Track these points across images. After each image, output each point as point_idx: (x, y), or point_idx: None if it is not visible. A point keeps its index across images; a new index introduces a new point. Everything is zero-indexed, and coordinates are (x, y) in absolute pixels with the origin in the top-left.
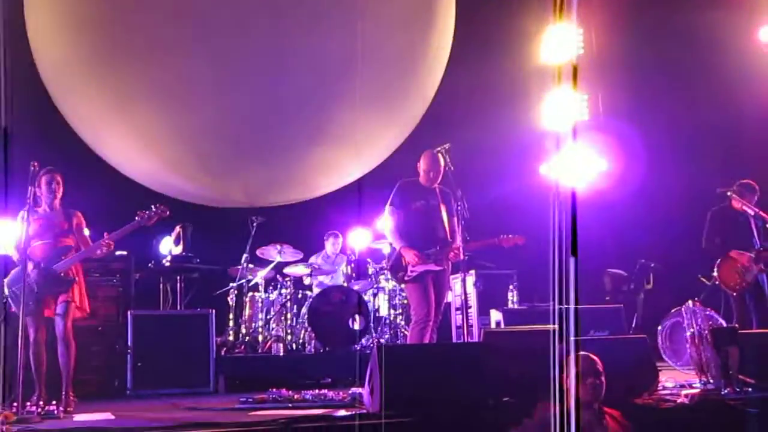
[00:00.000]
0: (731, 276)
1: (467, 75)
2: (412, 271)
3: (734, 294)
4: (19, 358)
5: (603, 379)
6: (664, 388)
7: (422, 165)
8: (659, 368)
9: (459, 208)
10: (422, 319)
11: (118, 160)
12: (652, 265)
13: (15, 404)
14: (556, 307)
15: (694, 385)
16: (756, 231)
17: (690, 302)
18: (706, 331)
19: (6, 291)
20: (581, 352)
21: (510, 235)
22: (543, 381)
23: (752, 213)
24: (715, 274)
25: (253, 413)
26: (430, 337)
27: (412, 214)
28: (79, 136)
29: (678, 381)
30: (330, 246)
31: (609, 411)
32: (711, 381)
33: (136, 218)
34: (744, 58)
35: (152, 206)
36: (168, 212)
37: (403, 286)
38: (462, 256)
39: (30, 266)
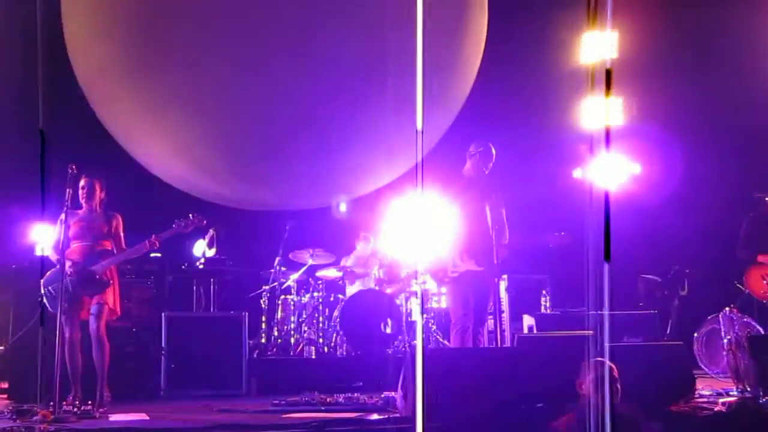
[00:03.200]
0: (758, 283)
1: (501, 79)
2: (453, 272)
3: (765, 301)
4: (57, 357)
5: (618, 385)
6: (701, 395)
7: (470, 154)
8: (696, 375)
9: (500, 212)
10: (460, 321)
11: (152, 164)
12: (687, 270)
13: (51, 404)
14: (590, 312)
15: (731, 393)
16: None
17: (726, 309)
18: (744, 339)
19: (42, 290)
20: (597, 359)
21: (558, 233)
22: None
23: None
24: (743, 281)
25: (286, 416)
26: (473, 340)
27: (454, 210)
28: (114, 140)
29: (715, 389)
30: (361, 248)
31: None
32: (748, 389)
33: (173, 225)
34: None
35: (189, 215)
36: (204, 221)
37: (443, 289)
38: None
39: (67, 266)
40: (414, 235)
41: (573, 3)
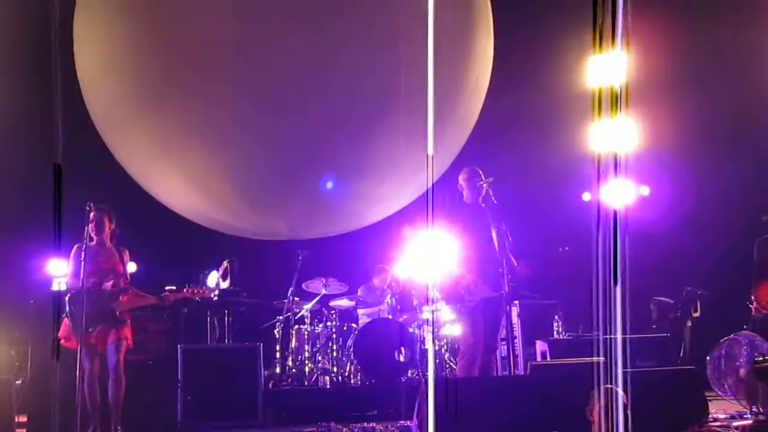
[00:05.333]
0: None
1: (510, 102)
2: (470, 301)
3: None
4: (77, 391)
5: (629, 412)
6: (715, 419)
7: (465, 182)
8: (708, 398)
9: (506, 237)
10: (469, 349)
11: (167, 198)
12: (699, 292)
13: None
14: (601, 336)
15: (745, 417)
16: None
17: (740, 332)
18: (755, 361)
19: (66, 308)
20: (607, 385)
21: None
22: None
23: None
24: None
25: None
26: (484, 368)
27: (464, 237)
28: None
29: (728, 412)
30: (377, 280)
31: None
32: (762, 411)
33: (185, 290)
34: None
35: (202, 287)
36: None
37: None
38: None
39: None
40: (426, 262)
41: (580, 26)
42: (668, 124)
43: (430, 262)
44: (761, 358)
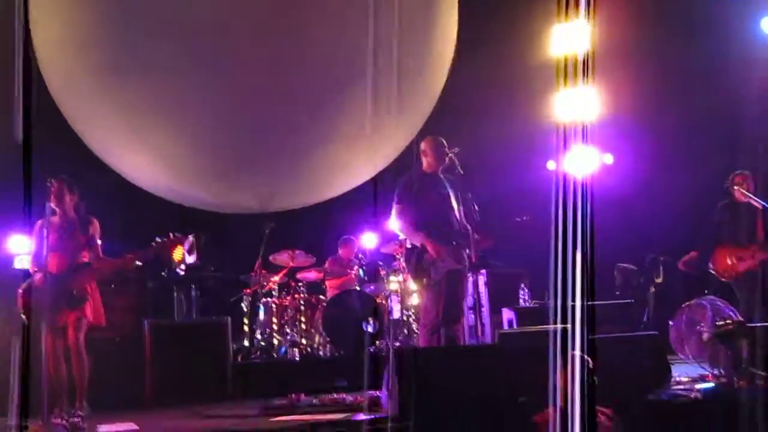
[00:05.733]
0: (724, 262)
1: (474, 71)
2: (435, 273)
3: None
4: (42, 370)
5: (595, 378)
6: (678, 383)
7: (427, 150)
8: (671, 362)
9: (471, 208)
10: (431, 322)
11: (128, 170)
12: (662, 258)
13: (40, 417)
14: (560, 304)
15: (706, 380)
16: (763, 222)
17: (703, 296)
18: (716, 325)
19: (20, 301)
20: (574, 351)
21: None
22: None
23: (760, 206)
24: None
25: (275, 419)
26: (451, 336)
27: (425, 207)
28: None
29: (691, 375)
30: (344, 251)
31: (601, 410)
32: (723, 374)
33: (153, 244)
34: (751, 49)
35: (170, 234)
36: (184, 239)
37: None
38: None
39: (42, 279)
40: (393, 234)
41: None
42: (632, 93)
43: (396, 233)
44: (723, 322)
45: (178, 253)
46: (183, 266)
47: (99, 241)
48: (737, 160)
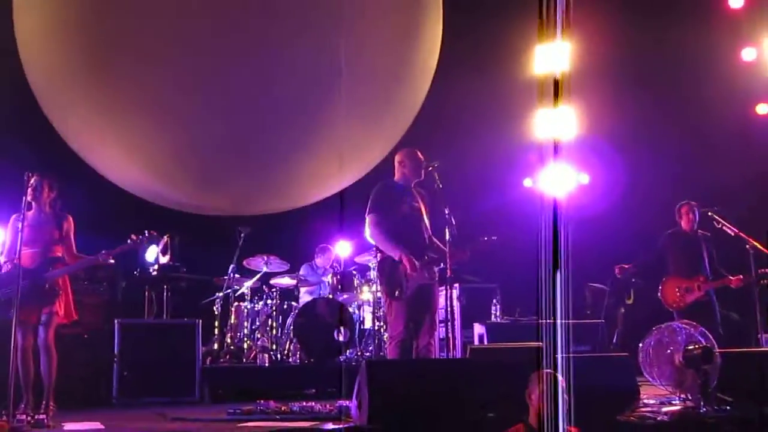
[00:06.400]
0: (672, 294)
1: (454, 89)
2: (407, 288)
3: (672, 310)
4: (11, 365)
5: (566, 396)
6: (645, 405)
7: (405, 161)
8: (640, 384)
9: (449, 221)
10: (398, 335)
11: (106, 170)
12: (633, 279)
13: (5, 413)
14: (539, 321)
15: (673, 402)
16: (706, 254)
17: (674, 320)
18: (686, 349)
19: None
20: (546, 370)
21: (489, 237)
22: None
23: (732, 233)
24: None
25: (242, 425)
26: (423, 349)
27: (397, 218)
28: (66, 144)
29: (659, 398)
30: (321, 260)
31: (570, 429)
32: (690, 398)
33: (128, 241)
34: (727, 76)
35: (146, 231)
36: (161, 237)
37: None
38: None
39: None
40: (369, 243)
41: (526, 14)
42: (609, 113)
43: (371, 243)
44: (693, 347)
45: (151, 252)
46: (156, 266)
47: (73, 238)
48: (713, 181)
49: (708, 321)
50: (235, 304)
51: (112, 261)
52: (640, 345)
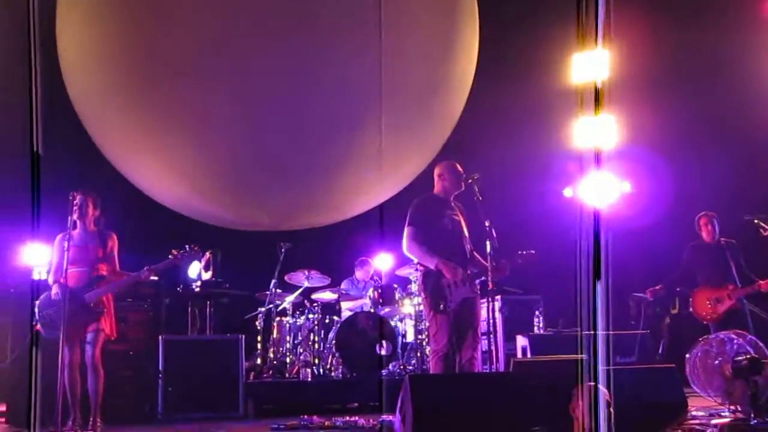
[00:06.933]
0: (704, 306)
1: (493, 98)
2: (451, 301)
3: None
4: (58, 382)
5: (611, 409)
6: (693, 417)
7: (444, 174)
8: (688, 395)
9: (490, 234)
10: (441, 349)
11: (149, 186)
12: (678, 289)
13: (53, 429)
14: (582, 332)
15: (723, 414)
16: (733, 262)
17: (721, 330)
18: (734, 360)
19: (36, 315)
20: (590, 383)
21: (528, 252)
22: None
23: None
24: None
25: None
26: (467, 363)
27: (438, 231)
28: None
29: (707, 409)
30: (360, 273)
31: None
32: (740, 410)
33: (169, 257)
34: None
35: (186, 246)
36: (201, 252)
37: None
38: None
39: (59, 292)
40: (409, 256)
41: (563, 23)
42: (650, 122)
43: (411, 257)
44: (741, 357)
45: (194, 269)
46: (199, 282)
47: (117, 256)
48: (760, 189)
49: (743, 329)
50: (278, 319)
51: (155, 277)
52: (687, 356)
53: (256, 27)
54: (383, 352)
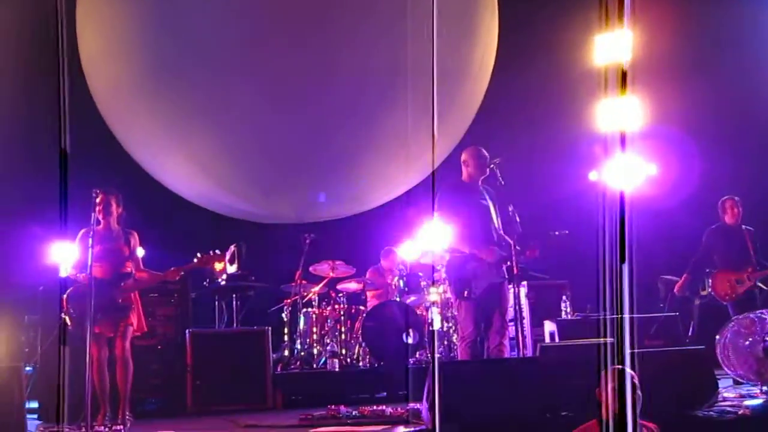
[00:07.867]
0: (724, 286)
1: (516, 82)
2: (476, 287)
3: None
4: (87, 378)
5: (639, 392)
6: (725, 399)
7: (468, 160)
8: (718, 377)
9: (513, 219)
10: (469, 335)
11: (172, 182)
12: (708, 270)
13: (83, 424)
14: (608, 317)
15: (754, 395)
16: (752, 242)
17: (753, 311)
18: (765, 340)
19: (65, 310)
20: (617, 366)
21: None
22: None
23: None
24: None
25: (314, 430)
26: (495, 351)
27: (466, 217)
28: (132, 158)
29: (738, 391)
30: (385, 263)
31: (646, 424)
32: None
33: (195, 260)
34: None
35: (210, 251)
36: (226, 257)
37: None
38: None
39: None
40: (432, 244)
41: (584, 4)
42: (676, 103)
43: (435, 244)
44: None
45: (219, 264)
46: (224, 276)
47: (140, 254)
48: None
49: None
50: (304, 310)
51: (181, 275)
52: (717, 337)
53: (281, 18)
54: (410, 341)
